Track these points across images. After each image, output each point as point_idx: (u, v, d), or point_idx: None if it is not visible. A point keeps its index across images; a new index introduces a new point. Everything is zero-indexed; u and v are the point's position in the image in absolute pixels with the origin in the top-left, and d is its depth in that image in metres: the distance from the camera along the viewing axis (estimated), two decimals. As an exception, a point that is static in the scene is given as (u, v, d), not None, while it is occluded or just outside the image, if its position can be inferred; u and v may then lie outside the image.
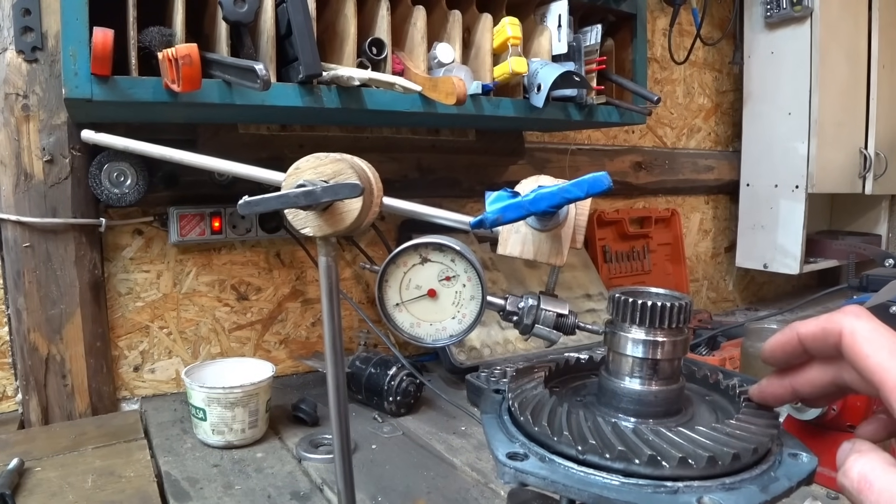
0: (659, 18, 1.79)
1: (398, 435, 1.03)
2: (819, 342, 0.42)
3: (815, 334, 0.42)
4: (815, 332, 0.42)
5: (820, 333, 0.42)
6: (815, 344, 0.42)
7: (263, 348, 1.31)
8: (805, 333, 0.43)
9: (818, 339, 0.42)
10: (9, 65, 1.00)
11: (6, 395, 1.10)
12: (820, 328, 0.42)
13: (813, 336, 0.42)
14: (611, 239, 1.71)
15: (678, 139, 1.93)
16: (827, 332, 0.41)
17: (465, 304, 0.50)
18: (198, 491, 0.84)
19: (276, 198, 0.45)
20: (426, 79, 0.97)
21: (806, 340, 0.43)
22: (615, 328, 0.48)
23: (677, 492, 0.39)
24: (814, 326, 0.42)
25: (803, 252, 1.83)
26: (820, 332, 0.42)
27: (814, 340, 0.42)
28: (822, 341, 0.42)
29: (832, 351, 0.41)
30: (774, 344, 0.45)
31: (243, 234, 1.21)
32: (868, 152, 1.89)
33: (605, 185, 0.45)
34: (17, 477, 0.84)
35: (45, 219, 1.04)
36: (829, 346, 0.41)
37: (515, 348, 1.31)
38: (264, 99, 0.86)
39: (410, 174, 1.38)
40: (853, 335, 0.39)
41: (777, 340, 0.45)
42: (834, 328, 0.40)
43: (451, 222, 0.53)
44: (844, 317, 0.40)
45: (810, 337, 0.42)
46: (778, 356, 0.45)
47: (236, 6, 0.83)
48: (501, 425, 0.47)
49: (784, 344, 0.44)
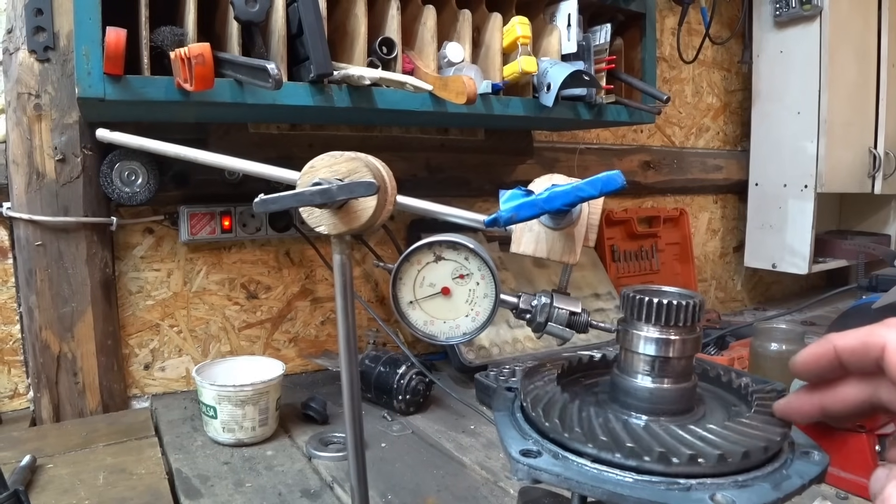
0: (668, 17, 1.79)
1: (407, 433, 1.03)
2: (858, 357, 0.39)
3: (855, 348, 0.39)
4: (855, 345, 0.39)
5: (860, 347, 0.38)
6: (854, 358, 0.39)
7: (273, 347, 1.32)
8: (843, 347, 0.39)
9: (857, 353, 0.38)
10: (21, 64, 1.00)
11: (18, 393, 1.11)
12: (860, 341, 0.38)
13: (852, 350, 0.39)
14: (619, 238, 1.71)
15: (687, 138, 1.92)
16: (868, 346, 0.38)
17: (478, 302, 0.51)
18: (209, 488, 0.85)
19: (291, 196, 0.45)
20: (436, 78, 0.97)
21: (844, 354, 0.39)
22: (628, 326, 0.48)
23: (690, 489, 0.39)
24: (853, 339, 0.39)
25: (812, 252, 1.82)
26: (860, 346, 0.38)
27: (852, 355, 0.39)
28: (861, 356, 0.38)
29: (872, 367, 0.38)
30: (808, 356, 0.41)
31: (253, 233, 1.22)
32: (877, 152, 1.88)
33: (619, 184, 0.45)
34: (29, 474, 0.85)
35: (56, 217, 1.04)
36: (869, 362, 0.38)
37: (524, 347, 1.31)
38: (276, 98, 0.86)
39: (420, 173, 1.39)
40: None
41: (811, 352, 0.41)
42: (877, 342, 0.37)
43: (465, 221, 0.53)
44: (889, 330, 0.37)
45: (849, 351, 0.39)
46: (811, 369, 0.42)
47: (248, 6, 0.83)
48: (514, 423, 0.48)
49: (819, 357, 0.41)
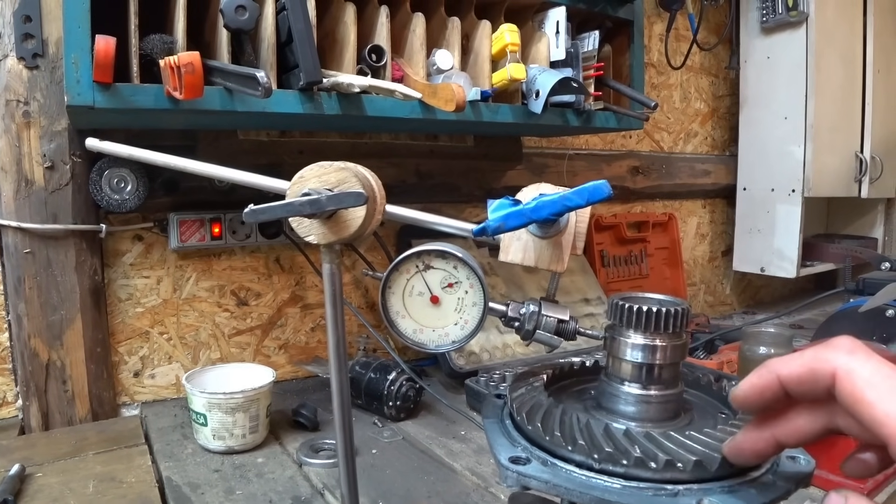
0: (655, 24, 1.81)
1: (398, 440, 1.03)
2: (806, 385, 0.35)
3: (801, 376, 0.35)
4: (801, 373, 0.35)
5: (807, 375, 0.35)
6: (801, 388, 0.35)
7: (263, 353, 1.31)
8: (788, 375, 0.35)
9: (805, 381, 0.35)
10: (10, 71, 1.00)
11: (6, 401, 1.10)
12: (806, 368, 0.35)
13: (798, 379, 0.35)
14: (608, 243, 1.72)
15: (675, 144, 1.94)
16: (816, 373, 0.34)
17: (467, 311, 0.51)
18: (199, 496, 0.84)
19: (281, 206, 0.45)
20: (426, 85, 0.97)
21: (789, 383, 0.35)
22: (615, 333, 0.49)
23: (677, 495, 0.40)
24: (798, 367, 0.35)
25: (800, 256, 1.84)
26: (807, 374, 0.35)
27: (799, 384, 0.35)
28: (809, 384, 0.35)
29: (822, 394, 0.34)
30: (749, 388, 0.37)
31: (243, 240, 1.22)
32: (864, 156, 1.90)
33: (606, 194, 0.45)
34: (18, 483, 0.84)
35: (45, 225, 1.04)
36: (818, 390, 0.34)
37: (514, 353, 1.32)
38: (265, 106, 0.86)
39: (409, 179, 1.39)
40: (850, 378, 0.33)
41: (752, 384, 0.37)
42: (825, 369, 0.34)
43: (453, 229, 0.53)
44: (837, 354, 0.34)
45: (795, 380, 0.35)
46: (754, 402, 0.37)
47: (237, 14, 0.84)
48: (503, 430, 0.48)
49: (762, 389, 0.36)
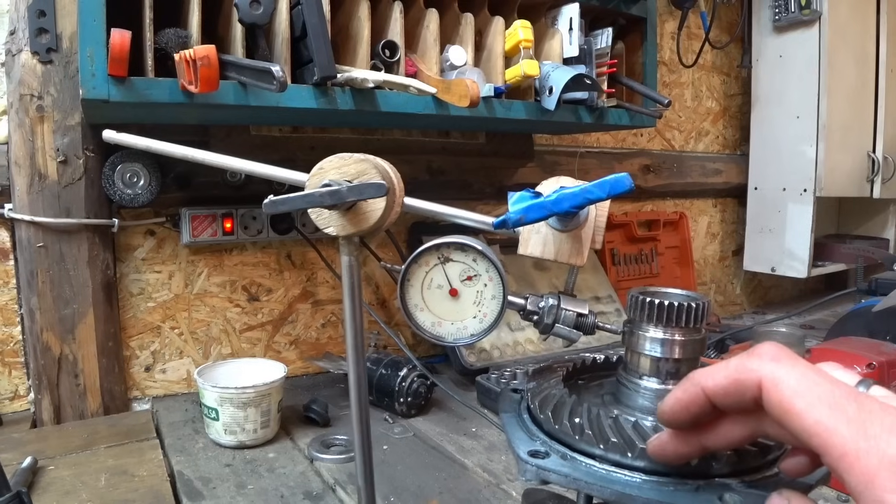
0: (667, 22, 1.80)
1: (409, 436, 1.03)
2: (732, 398, 0.35)
3: (727, 389, 0.35)
4: (727, 385, 0.35)
5: (732, 387, 0.34)
6: (728, 400, 0.35)
7: (274, 349, 1.31)
8: (713, 388, 0.35)
9: (731, 394, 0.35)
10: (24, 66, 1.01)
11: (19, 395, 1.11)
12: (731, 380, 0.34)
13: (724, 391, 0.35)
14: (619, 242, 1.72)
15: (686, 142, 1.93)
16: (741, 384, 0.34)
17: (486, 304, 0.51)
18: (211, 490, 0.85)
19: (301, 197, 0.45)
20: (439, 81, 0.97)
21: (715, 397, 0.35)
22: (634, 327, 0.48)
23: (698, 489, 0.39)
24: (723, 378, 0.35)
25: (811, 256, 1.83)
26: (732, 385, 0.34)
27: (725, 396, 0.35)
28: (735, 396, 0.34)
29: (750, 405, 0.34)
30: (675, 405, 0.37)
31: (255, 236, 1.22)
32: (876, 156, 1.89)
33: (627, 186, 0.45)
34: (30, 475, 0.85)
35: (58, 219, 1.04)
36: (745, 401, 0.34)
37: (525, 350, 1.31)
38: (279, 100, 0.86)
39: (421, 176, 1.39)
40: (777, 387, 0.32)
41: (678, 400, 0.37)
42: (750, 379, 0.33)
43: (472, 223, 0.53)
44: (761, 363, 0.33)
45: (721, 392, 0.35)
46: (681, 419, 0.37)
47: (252, 8, 0.84)
48: (521, 424, 0.48)
49: (687, 404, 0.36)
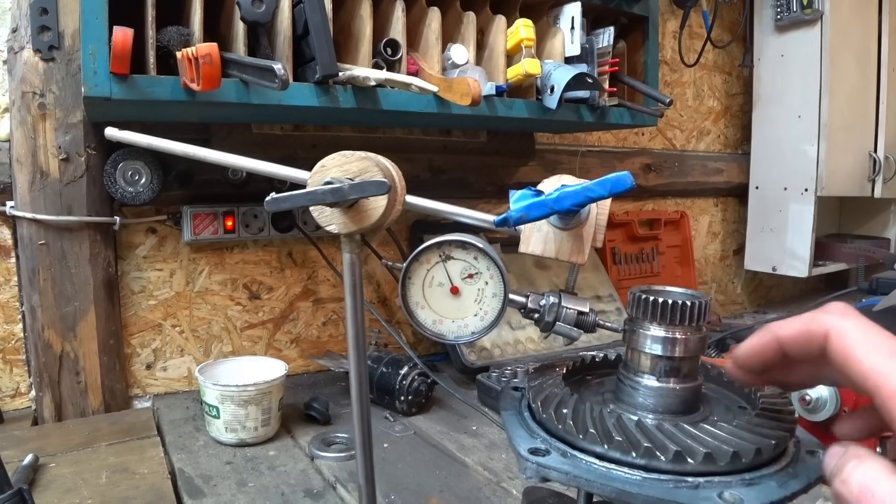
0: (669, 21, 1.80)
1: (410, 434, 1.03)
2: (801, 345, 0.38)
3: (797, 337, 0.38)
4: (797, 334, 0.38)
5: (802, 336, 0.37)
6: (797, 347, 0.38)
7: (275, 347, 1.32)
8: (785, 336, 0.38)
9: (800, 342, 0.38)
10: (26, 63, 1.01)
11: (20, 392, 1.11)
12: (802, 330, 0.37)
13: (794, 339, 0.38)
14: (620, 241, 1.72)
15: (688, 141, 1.93)
16: (811, 333, 0.37)
17: (487, 302, 0.51)
18: (211, 488, 0.85)
19: (303, 195, 0.45)
20: (441, 79, 0.97)
21: (786, 344, 0.38)
22: (635, 325, 0.48)
23: (698, 487, 0.39)
24: (795, 328, 0.38)
25: (812, 255, 1.83)
26: (802, 335, 0.37)
27: (795, 344, 0.38)
28: (805, 344, 0.37)
29: (817, 354, 0.37)
30: (750, 349, 0.40)
31: (256, 234, 1.22)
32: (877, 156, 1.89)
33: (629, 184, 0.45)
34: (32, 473, 0.85)
35: (60, 217, 1.05)
36: (813, 349, 0.37)
37: (526, 349, 1.32)
38: (281, 98, 0.86)
39: (422, 175, 1.39)
40: (841, 337, 0.35)
41: (753, 345, 0.40)
42: (818, 329, 0.36)
43: (474, 221, 0.53)
44: (829, 317, 0.36)
45: (791, 340, 0.38)
46: (754, 363, 0.40)
47: (254, 6, 0.84)
48: (522, 422, 0.48)
49: (762, 348, 0.40)
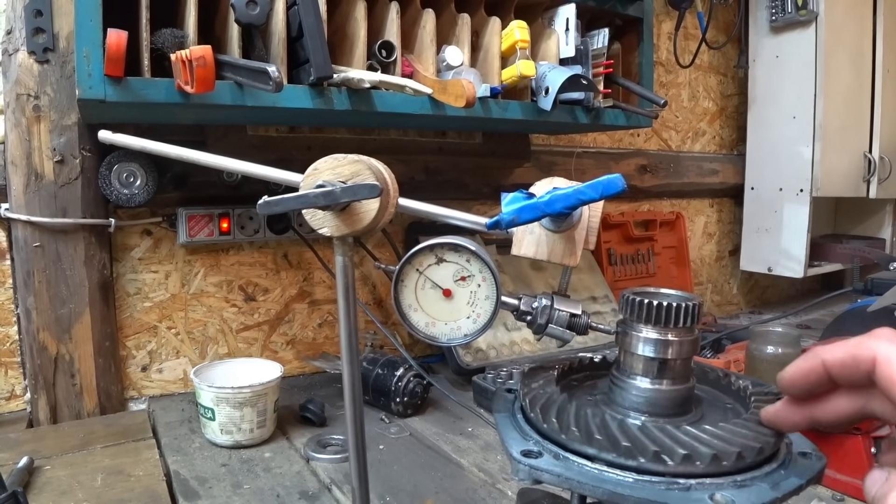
0: (664, 22, 1.80)
1: (405, 436, 1.03)
2: (848, 370, 0.38)
3: (844, 362, 0.38)
4: (844, 359, 0.38)
5: (850, 361, 0.37)
6: (844, 372, 0.38)
7: (270, 349, 1.32)
8: (832, 361, 0.38)
9: (847, 366, 0.38)
10: (20, 65, 1.01)
11: (15, 395, 1.11)
12: (849, 355, 0.37)
13: (841, 363, 0.38)
14: (616, 242, 1.72)
15: (683, 142, 1.93)
16: (858, 359, 0.37)
17: (479, 304, 0.51)
18: (207, 490, 0.85)
19: (295, 198, 0.45)
20: (436, 81, 0.97)
21: (833, 368, 0.38)
22: (627, 328, 0.48)
23: (689, 489, 0.40)
24: (842, 353, 0.38)
25: (807, 256, 1.83)
26: (850, 360, 0.37)
27: (842, 368, 0.38)
28: (851, 369, 0.37)
29: (863, 379, 0.37)
30: (796, 373, 0.40)
31: (251, 236, 1.22)
32: (872, 156, 1.89)
33: (620, 187, 0.45)
34: (27, 475, 0.85)
35: (55, 219, 1.04)
36: (859, 375, 0.37)
37: (522, 350, 1.32)
38: (275, 101, 0.86)
39: (417, 176, 1.39)
40: (890, 364, 0.35)
41: (799, 368, 0.40)
42: (866, 355, 0.36)
43: (466, 223, 0.53)
44: (878, 342, 0.36)
45: (838, 364, 0.38)
46: (800, 385, 0.40)
47: (248, 8, 0.84)
48: (515, 424, 0.48)
49: (807, 372, 0.39)
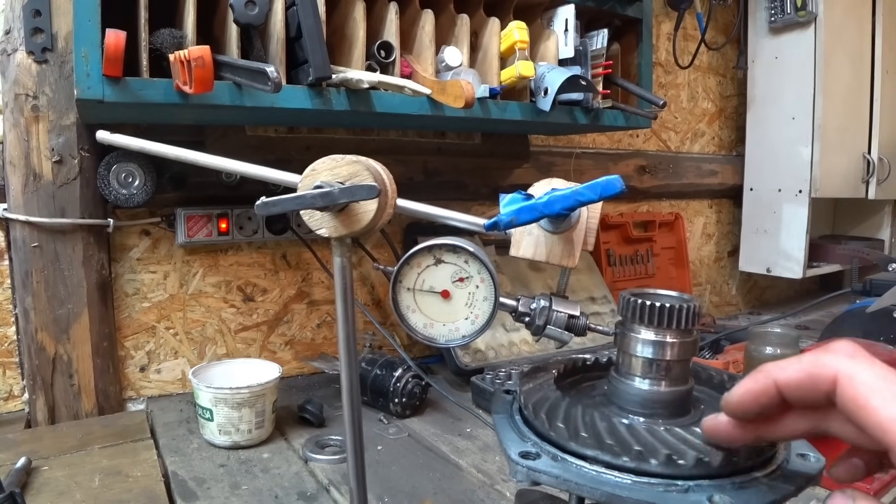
0: (664, 23, 1.80)
1: (404, 436, 1.03)
2: (804, 391, 0.35)
3: (801, 382, 0.35)
4: (800, 379, 0.35)
5: (806, 381, 0.34)
6: (799, 394, 0.35)
7: (269, 349, 1.31)
8: (786, 382, 0.35)
9: (803, 387, 0.35)
10: (19, 66, 1.00)
11: (13, 395, 1.10)
12: (805, 374, 0.34)
13: (797, 384, 0.35)
14: (615, 242, 1.72)
15: (682, 143, 1.93)
16: (816, 378, 0.34)
17: (477, 305, 0.51)
18: (205, 491, 0.85)
19: (293, 199, 0.45)
20: (434, 82, 0.97)
21: (787, 390, 0.35)
22: (625, 329, 0.48)
23: (688, 490, 0.40)
24: (797, 372, 0.35)
25: (806, 256, 1.83)
26: (806, 380, 0.34)
27: (797, 390, 0.35)
28: (808, 390, 0.34)
29: (821, 400, 0.34)
30: (745, 395, 0.37)
31: (250, 236, 1.22)
32: (871, 157, 1.89)
33: (619, 188, 0.45)
34: (24, 476, 0.85)
35: (53, 219, 1.04)
36: (817, 395, 0.34)
37: (520, 351, 1.32)
38: (274, 101, 0.86)
39: (416, 177, 1.39)
40: (853, 383, 0.32)
41: (749, 391, 0.36)
42: (825, 374, 0.33)
43: (464, 224, 0.53)
44: (837, 359, 0.34)
45: (794, 386, 0.35)
46: (749, 408, 0.37)
47: (247, 9, 0.84)
48: (513, 425, 0.48)
49: (758, 395, 0.36)
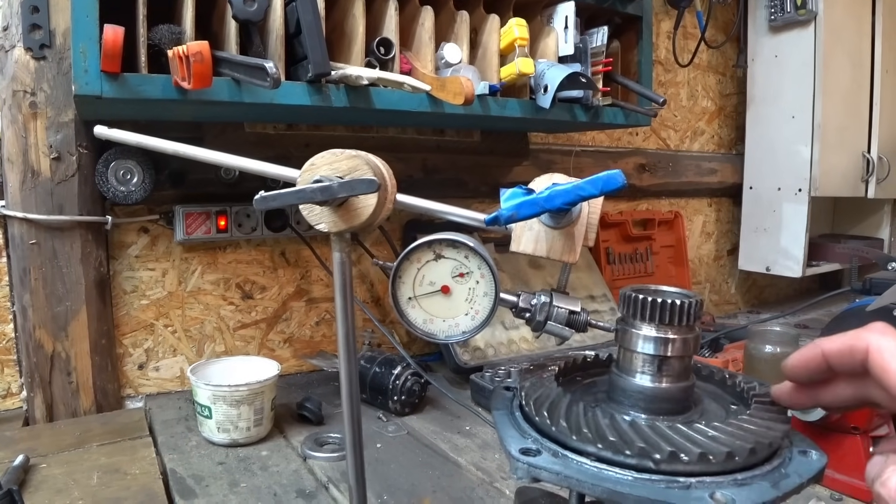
0: (663, 21, 1.80)
1: (403, 434, 1.03)
2: (845, 359, 0.41)
3: (841, 351, 0.41)
4: (841, 348, 0.41)
5: (846, 350, 0.41)
6: (841, 361, 0.42)
7: (268, 347, 1.31)
8: (830, 350, 0.42)
9: (844, 356, 0.41)
10: (17, 62, 1.00)
11: (11, 392, 1.10)
12: (846, 345, 0.41)
13: (839, 353, 0.42)
14: (614, 241, 1.72)
15: (682, 142, 1.93)
16: (853, 349, 0.41)
17: (478, 301, 0.51)
18: (203, 488, 0.84)
19: (292, 193, 0.45)
20: (434, 79, 0.97)
21: (831, 357, 0.42)
22: (627, 325, 0.48)
23: (689, 487, 0.39)
24: (839, 343, 0.42)
25: (806, 255, 1.83)
26: (846, 349, 0.41)
27: (839, 357, 0.42)
28: (847, 358, 0.41)
29: (858, 368, 0.41)
30: (797, 360, 0.45)
31: (249, 233, 1.21)
32: (871, 156, 1.89)
33: (620, 183, 0.45)
34: (22, 473, 0.84)
35: (51, 216, 1.04)
36: (855, 364, 0.41)
37: (520, 349, 1.31)
38: (273, 97, 0.86)
39: (416, 174, 1.39)
40: (880, 352, 0.39)
41: (800, 356, 0.44)
42: (860, 345, 0.40)
43: (464, 219, 0.53)
44: (871, 334, 0.40)
45: (835, 354, 0.42)
46: (800, 373, 0.45)
47: (246, 5, 0.83)
48: (513, 422, 0.47)
49: (808, 360, 0.44)
